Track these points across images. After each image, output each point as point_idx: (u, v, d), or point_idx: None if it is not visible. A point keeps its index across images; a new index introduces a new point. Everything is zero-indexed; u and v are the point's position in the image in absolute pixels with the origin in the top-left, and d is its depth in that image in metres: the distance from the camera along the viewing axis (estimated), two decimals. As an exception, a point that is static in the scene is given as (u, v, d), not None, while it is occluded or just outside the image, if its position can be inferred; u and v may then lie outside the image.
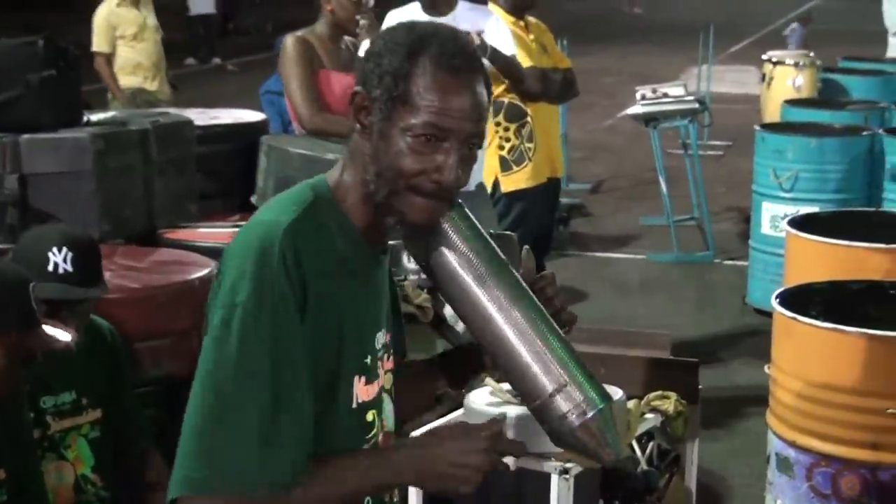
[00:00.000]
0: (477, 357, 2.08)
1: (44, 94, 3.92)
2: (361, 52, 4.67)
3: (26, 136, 3.88)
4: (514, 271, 1.91)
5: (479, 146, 1.87)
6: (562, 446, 1.90)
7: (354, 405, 1.87)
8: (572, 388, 1.86)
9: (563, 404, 1.86)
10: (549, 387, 1.86)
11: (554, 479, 2.79)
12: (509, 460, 2.82)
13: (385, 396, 1.98)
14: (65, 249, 2.91)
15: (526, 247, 2.12)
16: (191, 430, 1.75)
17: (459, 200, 1.92)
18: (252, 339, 1.74)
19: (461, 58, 1.83)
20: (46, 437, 2.94)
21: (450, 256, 1.88)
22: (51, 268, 2.88)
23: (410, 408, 2.12)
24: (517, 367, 1.88)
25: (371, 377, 1.91)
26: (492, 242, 1.92)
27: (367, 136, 1.84)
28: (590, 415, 1.85)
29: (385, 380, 1.97)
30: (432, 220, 1.86)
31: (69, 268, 2.90)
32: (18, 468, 2.68)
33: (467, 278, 1.87)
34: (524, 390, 1.90)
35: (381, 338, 1.95)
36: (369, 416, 1.91)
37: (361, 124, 1.84)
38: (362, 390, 1.89)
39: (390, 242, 2.01)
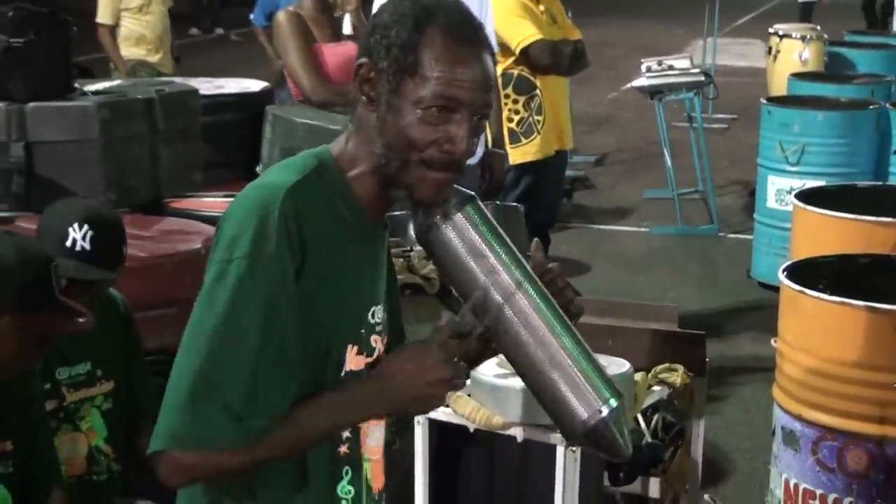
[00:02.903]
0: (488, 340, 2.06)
1: (20, 62, 3.88)
2: (346, 25, 4.68)
3: (32, 104, 3.88)
4: (524, 261, 1.90)
5: (487, 116, 1.86)
6: (574, 442, 1.90)
7: (343, 374, 1.86)
8: (585, 387, 1.85)
9: (577, 403, 1.85)
10: (562, 385, 1.85)
11: (560, 451, 2.80)
12: (517, 431, 2.84)
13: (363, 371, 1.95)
14: (86, 227, 2.89)
15: (536, 239, 2.11)
16: (176, 383, 1.75)
17: (474, 194, 1.91)
18: (243, 294, 1.74)
19: (469, 28, 1.82)
20: (62, 408, 2.94)
21: (461, 248, 1.86)
22: (69, 243, 2.87)
23: None
24: (528, 363, 1.87)
25: (364, 348, 1.90)
26: (504, 235, 1.90)
27: (374, 108, 1.82)
28: (604, 413, 1.85)
29: (378, 356, 1.96)
30: (441, 194, 1.85)
31: (87, 246, 2.88)
32: (26, 440, 2.68)
33: (478, 271, 1.86)
34: (535, 387, 1.89)
35: (378, 313, 1.94)
36: None
37: (367, 96, 1.83)
38: (353, 360, 1.88)
39: (396, 213, 2.00)
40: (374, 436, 1.96)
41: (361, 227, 1.87)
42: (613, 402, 1.86)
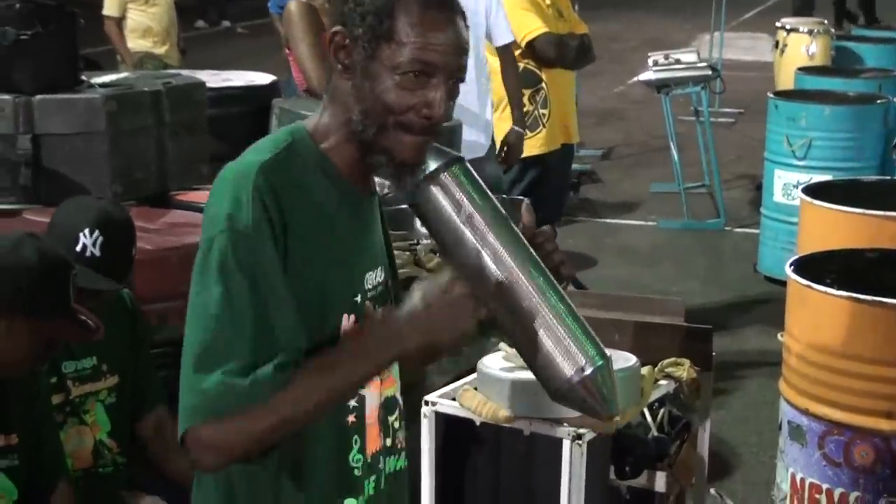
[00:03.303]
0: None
1: (27, 54, 3.88)
2: None
3: (39, 96, 3.87)
4: (513, 226, 1.90)
5: (462, 80, 1.87)
6: (560, 402, 1.90)
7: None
8: (571, 345, 1.86)
9: (562, 361, 1.85)
10: (548, 343, 1.86)
11: (566, 444, 2.79)
12: (524, 424, 2.84)
13: (374, 311, 1.96)
14: (97, 232, 2.87)
15: (526, 201, 2.12)
16: (184, 362, 1.79)
17: (461, 155, 1.92)
18: (227, 265, 1.76)
19: None
20: (68, 401, 2.94)
21: (448, 209, 1.87)
22: (79, 248, 2.85)
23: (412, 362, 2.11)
24: (514, 321, 1.88)
25: (360, 316, 1.90)
26: (492, 196, 1.91)
27: (349, 76, 1.84)
28: (588, 372, 1.85)
29: None
30: (420, 157, 1.86)
31: (97, 252, 2.87)
32: (32, 434, 2.68)
33: (466, 231, 1.86)
34: (521, 345, 1.89)
35: (374, 277, 1.95)
36: None
37: (342, 64, 1.84)
38: (351, 329, 1.88)
39: (401, 206, 2.00)
40: (371, 400, 1.97)
41: (345, 196, 1.89)
42: (598, 361, 1.86)
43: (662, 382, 3.12)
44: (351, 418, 1.92)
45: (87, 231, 2.87)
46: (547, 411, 2.79)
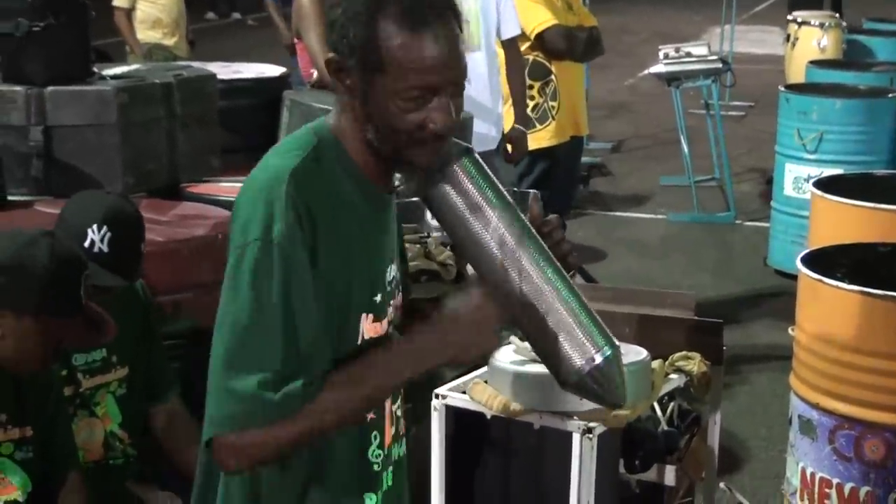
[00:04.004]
0: None
1: (39, 46, 3.89)
2: None
3: (51, 87, 3.88)
4: (520, 214, 1.91)
5: (463, 86, 1.86)
6: (569, 391, 1.92)
7: (360, 341, 1.88)
8: (580, 335, 1.87)
9: (570, 349, 1.86)
10: (557, 331, 1.86)
11: (576, 438, 2.79)
12: (534, 418, 2.84)
13: (394, 334, 1.99)
14: (105, 228, 2.88)
15: (533, 191, 2.12)
16: (213, 374, 1.79)
17: (470, 146, 1.93)
18: (261, 275, 1.76)
19: (421, 7, 1.79)
20: (78, 394, 2.95)
21: (457, 199, 1.88)
22: (87, 244, 2.85)
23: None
24: (523, 311, 1.88)
25: (379, 314, 1.92)
26: (501, 187, 1.92)
27: (353, 95, 1.83)
28: (598, 361, 1.86)
29: (392, 316, 1.98)
30: (439, 157, 1.87)
31: (105, 248, 2.87)
32: (46, 426, 2.69)
33: (476, 223, 1.87)
34: (531, 335, 1.91)
35: (391, 272, 1.97)
36: None
37: (346, 86, 1.83)
38: (369, 327, 1.90)
39: (412, 199, 2.01)
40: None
41: (367, 196, 1.89)
42: (608, 351, 1.87)
43: (673, 376, 3.11)
44: (370, 415, 1.94)
45: (95, 227, 2.87)
46: (557, 405, 2.78)
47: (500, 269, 1.86)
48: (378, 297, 1.91)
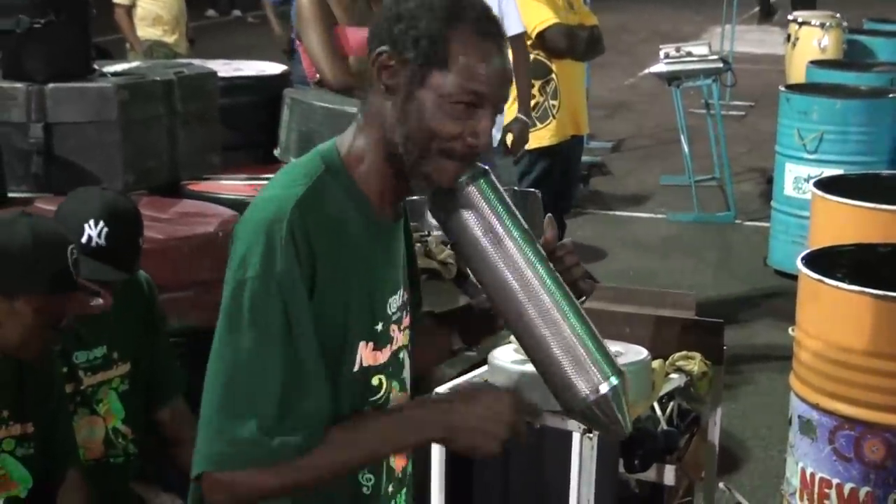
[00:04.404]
0: (493, 317, 2.07)
1: (40, 43, 3.88)
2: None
3: (52, 84, 3.88)
4: (534, 240, 1.90)
5: (502, 111, 1.87)
6: (573, 417, 1.91)
7: (356, 369, 1.86)
8: (587, 363, 1.85)
9: (576, 378, 1.85)
10: (564, 359, 1.85)
11: (576, 437, 2.79)
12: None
13: (403, 357, 1.97)
14: (101, 223, 2.87)
15: (549, 215, 2.11)
16: (208, 406, 1.76)
17: (487, 167, 1.91)
18: (260, 312, 1.73)
19: (493, 22, 1.82)
20: (79, 391, 2.94)
21: (472, 221, 1.86)
22: (84, 240, 2.85)
23: (422, 361, 2.10)
24: (532, 337, 1.88)
25: (381, 343, 1.89)
26: (516, 210, 1.90)
27: (391, 97, 1.81)
28: (604, 391, 1.85)
29: (402, 338, 1.97)
30: (456, 180, 1.85)
31: (102, 242, 2.86)
32: (47, 423, 2.69)
33: (487, 244, 1.86)
34: (538, 360, 1.89)
35: (397, 301, 1.94)
36: (375, 381, 1.90)
37: (385, 84, 1.81)
38: (368, 355, 1.87)
39: (414, 197, 2.00)
40: None
41: (373, 226, 1.87)
42: (614, 380, 1.86)
43: (673, 376, 3.11)
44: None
45: (91, 222, 2.87)
46: (557, 404, 2.78)
47: (508, 290, 1.85)
48: (379, 326, 1.89)
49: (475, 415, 1.80)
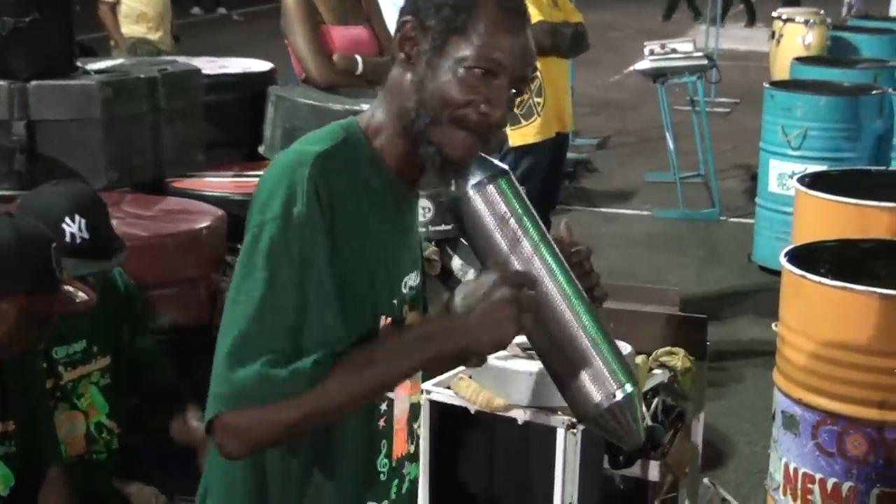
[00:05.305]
0: None
1: (23, 40, 3.87)
2: None
3: (34, 82, 3.87)
4: (553, 244, 1.87)
5: (522, 92, 1.86)
6: (586, 424, 1.88)
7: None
8: (603, 370, 1.83)
9: (592, 385, 1.83)
10: (580, 366, 1.83)
11: (560, 433, 2.79)
12: (518, 413, 2.85)
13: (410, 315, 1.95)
14: (77, 216, 2.86)
15: (565, 220, 2.10)
16: (220, 348, 1.75)
17: (507, 168, 1.88)
18: (278, 254, 1.74)
19: (519, 1, 1.85)
20: (59, 387, 2.94)
21: (489, 221, 1.83)
22: (67, 239, 2.83)
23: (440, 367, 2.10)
24: (547, 342, 1.86)
25: (397, 319, 1.88)
26: (535, 213, 1.87)
27: (412, 67, 1.81)
28: (618, 398, 1.82)
29: (412, 321, 1.94)
30: (469, 157, 1.82)
31: (86, 235, 2.85)
32: (28, 420, 2.68)
33: (507, 248, 1.83)
34: (552, 365, 1.87)
35: (410, 281, 1.93)
36: None
37: (406, 54, 1.82)
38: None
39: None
40: (400, 405, 1.96)
41: (393, 196, 1.87)
42: (629, 388, 1.83)
43: (657, 372, 3.12)
44: (381, 422, 1.91)
45: (68, 219, 2.85)
46: (542, 400, 2.79)
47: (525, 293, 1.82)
48: (396, 301, 1.88)
49: (484, 319, 1.74)
